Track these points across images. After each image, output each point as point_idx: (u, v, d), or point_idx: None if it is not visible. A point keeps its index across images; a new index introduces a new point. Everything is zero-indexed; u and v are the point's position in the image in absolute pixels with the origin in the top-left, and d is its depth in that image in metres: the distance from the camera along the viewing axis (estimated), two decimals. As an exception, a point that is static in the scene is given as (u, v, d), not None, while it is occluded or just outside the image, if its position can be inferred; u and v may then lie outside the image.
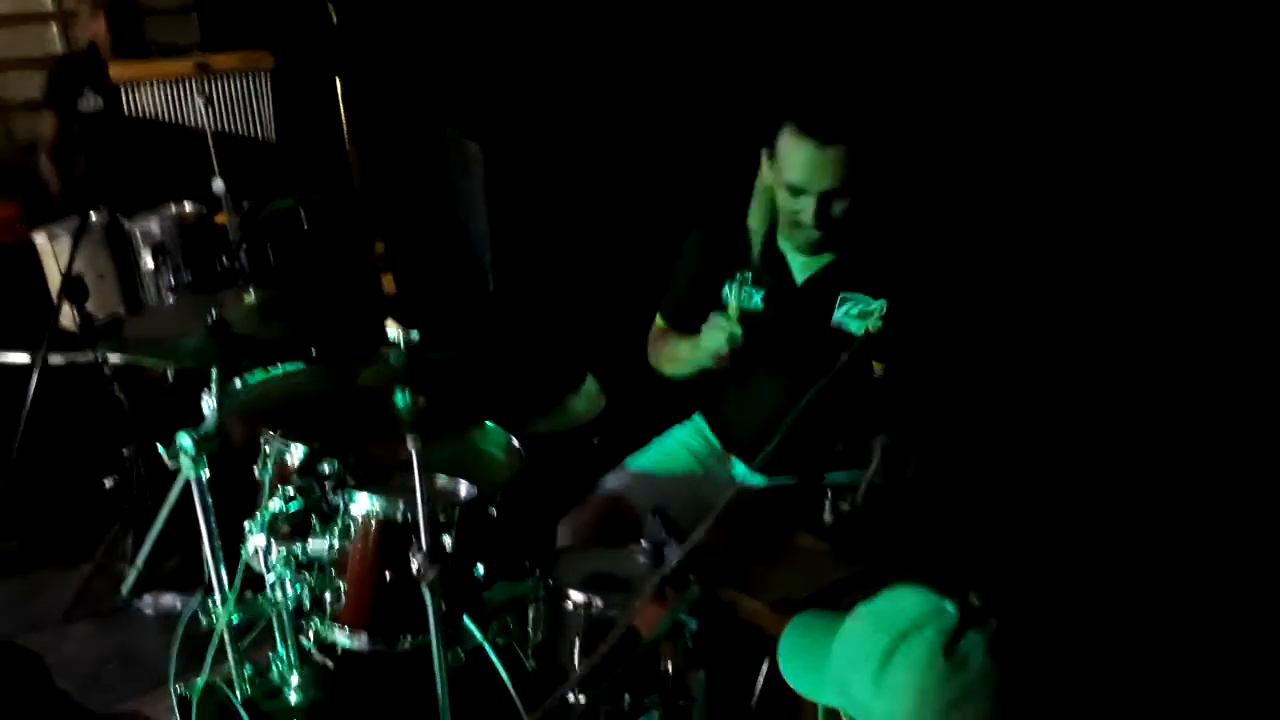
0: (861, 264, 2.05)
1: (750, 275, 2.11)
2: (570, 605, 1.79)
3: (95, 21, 3.67)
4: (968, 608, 1.04)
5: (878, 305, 2.01)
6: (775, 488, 1.97)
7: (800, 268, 2.10)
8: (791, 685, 1.21)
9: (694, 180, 3.44)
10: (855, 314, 2.02)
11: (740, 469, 2.20)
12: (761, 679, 1.76)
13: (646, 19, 3.74)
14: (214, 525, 1.92)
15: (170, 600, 2.76)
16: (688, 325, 2.22)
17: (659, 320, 2.34)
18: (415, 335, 1.66)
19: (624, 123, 3.76)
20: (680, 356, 2.18)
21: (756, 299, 2.11)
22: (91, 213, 3.06)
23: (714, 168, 3.26)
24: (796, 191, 1.94)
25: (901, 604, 1.09)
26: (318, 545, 1.87)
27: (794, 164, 1.93)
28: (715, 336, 2.00)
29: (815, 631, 1.19)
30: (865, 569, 1.54)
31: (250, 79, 3.21)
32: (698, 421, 2.35)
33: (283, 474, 2.00)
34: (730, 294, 2.01)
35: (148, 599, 2.79)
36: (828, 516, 1.61)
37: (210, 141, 3.15)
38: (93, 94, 3.68)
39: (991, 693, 1.01)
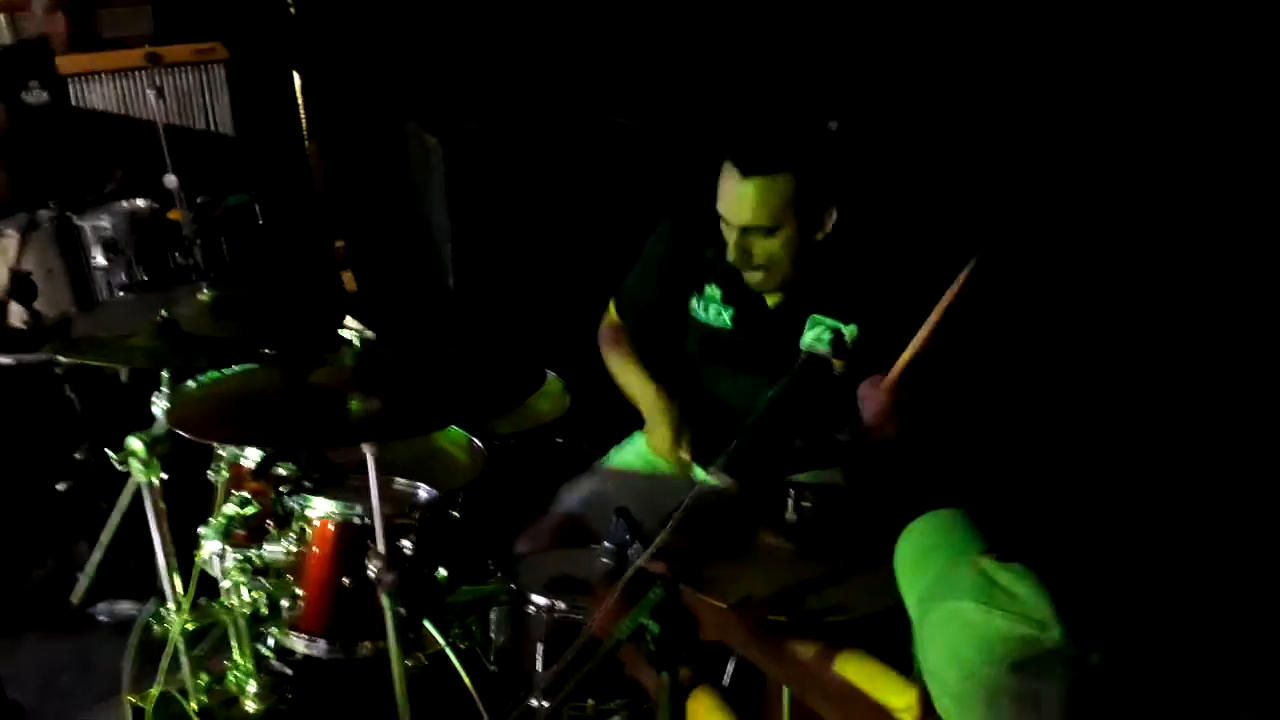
0: (833, 288, 1.98)
1: (721, 292, 2.08)
2: (533, 609, 1.77)
3: (51, 17, 3.58)
4: (1072, 640, 0.98)
5: (848, 330, 1.98)
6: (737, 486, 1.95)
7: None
8: (896, 560, 1.17)
9: (658, 175, 3.42)
10: (826, 339, 1.99)
11: (700, 473, 2.18)
12: (728, 678, 1.75)
13: (607, 11, 3.71)
14: (167, 530, 1.87)
15: (126, 607, 2.70)
16: (643, 321, 2.20)
17: (612, 310, 2.28)
18: (370, 334, 1.63)
19: (585, 116, 3.74)
20: (625, 384, 2.17)
21: (725, 317, 2.08)
22: (40, 210, 2.99)
23: (678, 162, 3.24)
24: (723, 222, 1.91)
25: (1016, 596, 1.01)
26: (274, 550, 1.84)
27: (720, 193, 1.90)
28: (660, 443, 2.03)
29: (946, 541, 1.13)
30: (831, 568, 1.53)
31: (203, 71, 3.14)
32: None
33: (237, 477, 1.96)
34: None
35: (103, 606, 2.73)
36: (790, 514, 1.60)
37: (162, 135, 3.08)
38: (39, 87, 3.59)
39: None
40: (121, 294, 3.06)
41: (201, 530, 1.91)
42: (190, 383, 2.01)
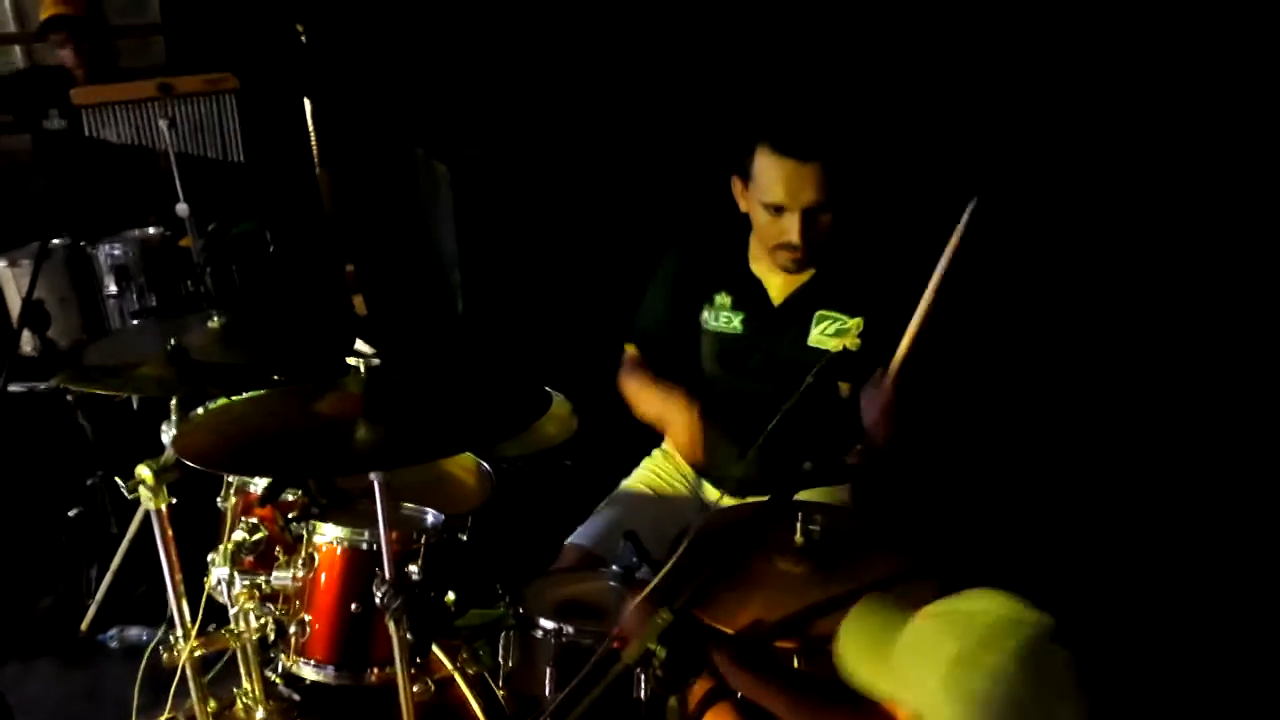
0: (836, 282, 2.04)
1: (730, 299, 2.11)
2: (541, 633, 1.76)
3: (64, 50, 3.62)
4: (1053, 624, 1.03)
5: (854, 323, 2.00)
6: (745, 508, 1.95)
7: (777, 288, 2.09)
8: (847, 669, 1.17)
9: (664, 199, 3.43)
10: (832, 333, 2.01)
11: (711, 493, 2.18)
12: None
13: (614, 36, 3.74)
14: (176, 557, 1.87)
15: (136, 633, 2.70)
16: (658, 344, 2.22)
17: (629, 347, 2.31)
18: (377, 359, 1.63)
19: (592, 141, 3.76)
20: (643, 403, 2.18)
21: (736, 322, 2.11)
22: (54, 239, 3.02)
23: (685, 186, 3.26)
24: (779, 210, 1.94)
25: (980, 608, 1.06)
26: (282, 576, 1.83)
27: (772, 182, 1.92)
28: (680, 434, 2.04)
29: (879, 621, 1.16)
30: (841, 592, 1.53)
31: (215, 101, 3.17)
32: (666, 446, 2.32)
33: (246, 504, 1.97)
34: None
35: (113, 632, 2.73)
36: (798, 537, 1.59)
37: (174, 164, 3.11)
38: (58, 116, 3.64)
39: (1071, 713, 1.00)
40: (133, 321, 3.08)
41: (210, 557, 1.92)
42: (198, 411, 2.02)
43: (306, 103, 3.93)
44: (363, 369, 1.62)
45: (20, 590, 2.95)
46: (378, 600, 1.63)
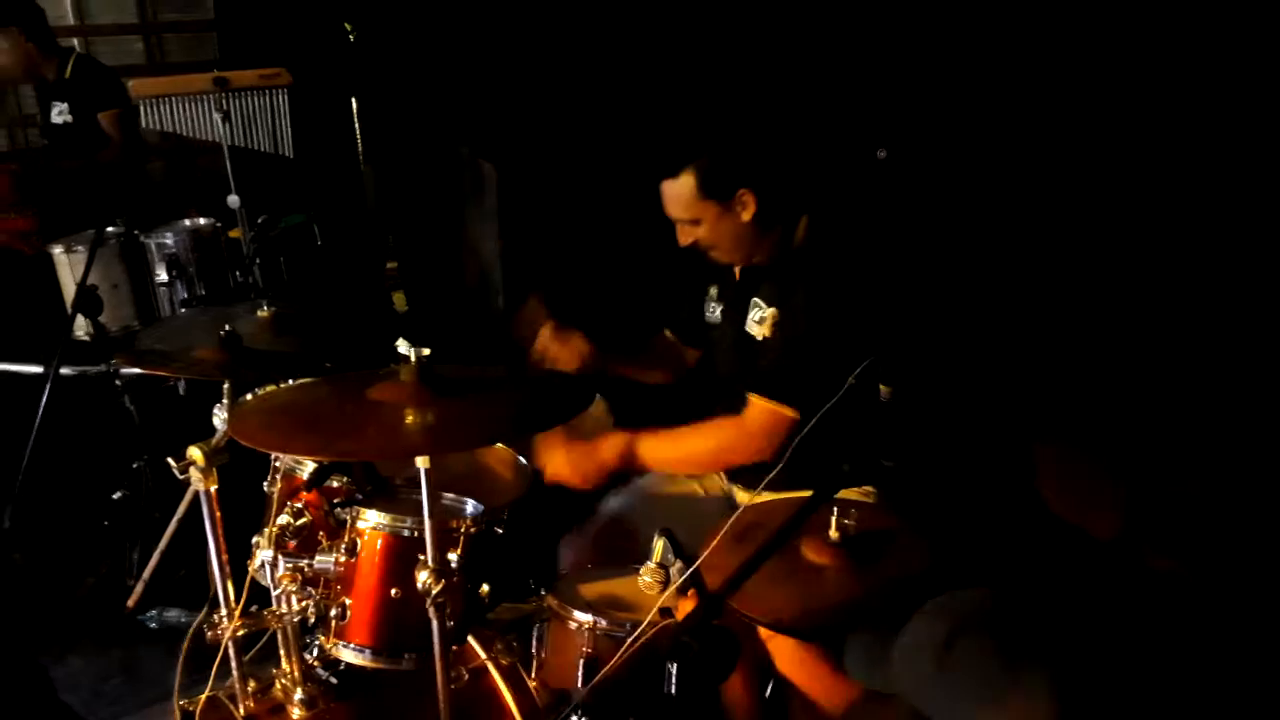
0: (763, 271, 2.11)
1: (717, 291, 2.23)
2: (574, 625, 1.79)
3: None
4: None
5: (770, 313, 2.04)
6: (781, 503, 1.97)
7: (738, 272, 2.19)
8: (852, 674, 1.32)
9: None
10: (757, 320, 2.08)
11: (742, 493, 2.20)
12: (768, 693, 1.76)
13: (662, 41, 3.76)
14: (221, 539, 1.91)
15: (175, 614, 2.76)
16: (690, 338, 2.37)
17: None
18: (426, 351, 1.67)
19: (636, 143, 3.78)
20: None
21: (718, 313, 2.22)
22: (108, 226, 3.09)
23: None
24: None
25: (961, 600, 1.18)
26: (324, 560, 1.87)
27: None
28: None
29: (876, 631, 1.27)
30: (872, 589, 1.54)
31: (268, 96, 3.23)
32: None
33: (291, 489, 2.01)
34: None
35: (152, 613, 2.79)
36: (833, 532, 1.61)
37: (227, 156, 3.18)
38: (59, 104, 3.69)
39: (1040, 680, 1.07)
40: (183, 309, 3.15)
41: (255, 539, 1.96)
42: (248, 396, 2.07)
43: (353, 101, 3.99)
44: (414, 357, 1.65)
45: (64, 571, 3.01)
46: (420, 587, 1.66)
